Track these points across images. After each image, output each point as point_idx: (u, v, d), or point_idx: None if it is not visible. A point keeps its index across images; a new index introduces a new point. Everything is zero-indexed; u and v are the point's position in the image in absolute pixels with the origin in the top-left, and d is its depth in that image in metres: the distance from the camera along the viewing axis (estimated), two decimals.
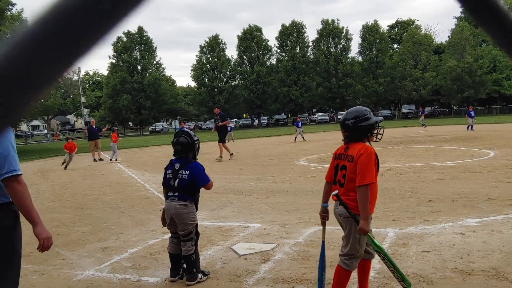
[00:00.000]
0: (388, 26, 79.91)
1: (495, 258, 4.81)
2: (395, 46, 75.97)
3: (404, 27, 75.67)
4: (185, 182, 4.74)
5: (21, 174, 2.98)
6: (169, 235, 4.97)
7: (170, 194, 4.77)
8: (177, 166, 4.83)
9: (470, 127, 28.53)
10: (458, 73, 57.94)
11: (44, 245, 3.10)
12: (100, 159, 21.63)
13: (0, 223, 2.95)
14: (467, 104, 63.95)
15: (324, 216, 3.88)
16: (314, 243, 5.77)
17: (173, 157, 5.00)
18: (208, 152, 24.22)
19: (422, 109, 43.88)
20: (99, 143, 22.14)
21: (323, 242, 3.86)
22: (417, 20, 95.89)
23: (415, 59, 62.83)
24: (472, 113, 29.16)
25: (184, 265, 4.80)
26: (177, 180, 4.75)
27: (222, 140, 18.29)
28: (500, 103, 66.19)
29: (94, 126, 22.89)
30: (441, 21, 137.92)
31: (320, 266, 3.79)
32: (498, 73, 59.69)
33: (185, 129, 5.17)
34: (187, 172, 4.77)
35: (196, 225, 4.82)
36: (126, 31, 67.99)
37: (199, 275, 4.67)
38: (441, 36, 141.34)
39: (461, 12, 72.63)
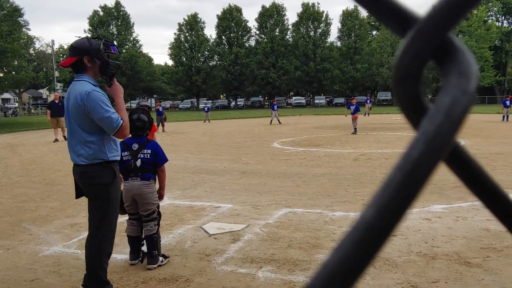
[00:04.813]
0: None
1: (459, 244, 4.94)
2: (374, 32, 76.41)
3: None
4: (149, 161, 4.59)
5: (123, 122, 3.67)
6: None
7: (132, 175, 4.55)
8: (135, 146, 4.60)
9: (505, 118, 26.92)
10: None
11: None
12: (63, 137, 18.77)
13: (101, 179, 3.70)
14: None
15: None
16: (284, 225, 5.82)
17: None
18: (184, 132, 24.12)
19: (368, 98, 42.37)
20: (62, 121, 18.03)
21: None
22: (400, 3, 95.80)
23: (393, 46, 63.33)
24: (508, 102, 27.41)
25: (144, 248, 4.67)
26: (139, 160, 4.55)
27: None
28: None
29: (57, 101, 19.37)
30: (421, 10, 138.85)
31: None
32: None
33: (143, 106, 4.96)
34: (149, 151, 4.59)
35: (158, 206, 4.72)
36: (103, 5, 66.61)
37: (160, 258, 4.55)
38: None
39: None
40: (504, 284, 3.89)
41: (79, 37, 3.83)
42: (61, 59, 69.23)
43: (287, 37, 69.09)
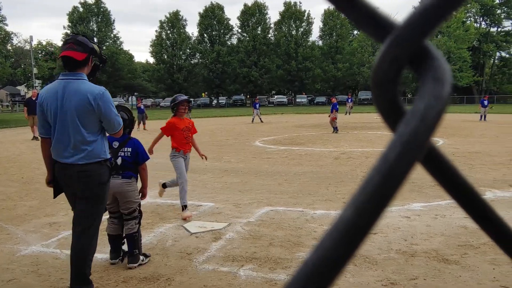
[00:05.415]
0: None
1: (437, 241, 5.03)
2: (355, 32, 76.94)
3: None
4: (130, 160, 4.57)
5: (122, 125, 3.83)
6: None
7: (113, 173, 4.42)
8: (115, 144, 4.57)
9: (483, 117, 27.49)
10: None
11: None
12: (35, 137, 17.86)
13: (100, 178, 3.66)
14: None
15: None
16: (266, 223, 5.84)
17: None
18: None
19: (350, 97, 42.19)
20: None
21: None
22: (377, 8, 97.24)
23: (373, 46, 63.90)
24: (485, 102, 28.06)
25: (124, 247, 4.63)
26: (119, 158, 4.54)
27: None
28: (452, 94, 68.52)
29: (35, 99, 17.66)
30: (400, 11, 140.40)
31: None
32: (452, 64, 61.69)
33: (124, 104, 4.95)
34: (129, 149, 4.59)
35: (139, 204, 4.69)
36: (82, 1, 65.70)
37: (141, 257, 4.51)
38: None
39: (419, 2, 74.25)
40: (481, 280, 3.98)
41: (79, 34, 3.79)
42: (40, 55, 68.16)
43: (269, 35, 69.19)
